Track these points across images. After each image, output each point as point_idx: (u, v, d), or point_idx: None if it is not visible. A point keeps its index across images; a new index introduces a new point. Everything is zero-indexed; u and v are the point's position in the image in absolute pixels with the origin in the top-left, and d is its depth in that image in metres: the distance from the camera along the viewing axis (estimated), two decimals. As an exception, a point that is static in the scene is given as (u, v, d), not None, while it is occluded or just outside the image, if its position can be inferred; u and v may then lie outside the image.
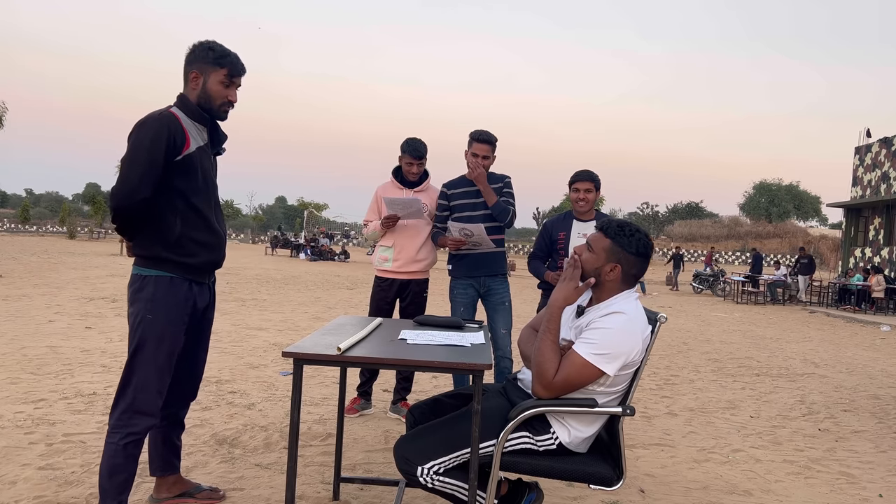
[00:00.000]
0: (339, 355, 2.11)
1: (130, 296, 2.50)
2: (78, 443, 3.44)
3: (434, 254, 4.39)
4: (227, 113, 2.63)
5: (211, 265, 2.63)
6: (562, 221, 4.06)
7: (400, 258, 4.26)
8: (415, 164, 4.23)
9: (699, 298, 19.71)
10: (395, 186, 4.34)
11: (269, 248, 34.35)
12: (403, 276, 4.28)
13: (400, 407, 4.34)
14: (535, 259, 4.13)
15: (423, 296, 4.34)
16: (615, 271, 2.25)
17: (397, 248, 4.27)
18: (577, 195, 3.94)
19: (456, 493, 2.19)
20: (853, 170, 25.79)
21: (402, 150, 4.25)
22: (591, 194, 3.92)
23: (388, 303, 4.32)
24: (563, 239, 3.98)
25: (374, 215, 4.38)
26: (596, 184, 3.95)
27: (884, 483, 3.65)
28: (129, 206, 2.38)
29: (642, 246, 2.26)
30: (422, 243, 4.27)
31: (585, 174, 3.94)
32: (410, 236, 4.26)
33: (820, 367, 7.70)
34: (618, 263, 2.25)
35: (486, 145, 4.04)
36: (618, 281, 2.27)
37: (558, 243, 3.99)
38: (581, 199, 3.92)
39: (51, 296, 9.91)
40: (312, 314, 9.81)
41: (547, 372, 2.16)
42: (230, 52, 2.58)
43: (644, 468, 3.65)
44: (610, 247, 2.26)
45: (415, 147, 4.22)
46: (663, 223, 61.07)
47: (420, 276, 4.32)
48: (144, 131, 2.40)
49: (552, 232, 4.06)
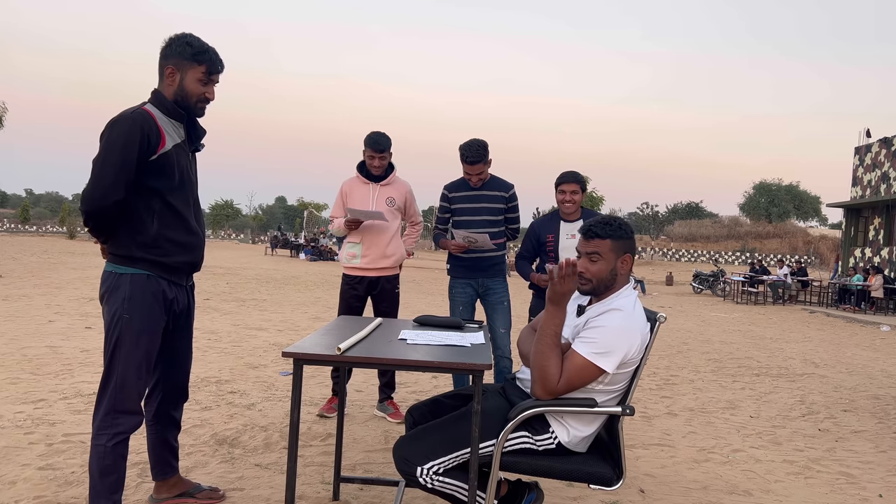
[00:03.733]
0: (339, 355, 2.11)
1: (104, 294, 2.41)
2: (78, 443, 3.44)
3: (403, 249, 4.31)
4: (203, 110, 2.55)
5: (188, 266, 2.56)
6: (549, 222, 4.06)
7: (369, 254, 4.17)
8: (376, 157, 4.11)
9: (699, 298, 19.71)
10: (360, 181, 4.24)
11: (269, 248, 34.34)
12: (373, 274, 4.19)
13: (386, 405, 4.32)
14: (522, 259, 4.15)
15: (394, 292, 4.27)
16: (627, 262, 2.33)
17: (366, 245, 4.17)
18: (563, 196, 3.94)
19: (456, 493, 2.19)
20: (853, 170, 25.79)
21: (365, 143, 4.14)
22: (577, 195, 3.94)
23: (358, 300, 4.22)
24: (553, 241, 3.98)
25: (339, 211, 4.29)
26: (581, 185, 3.96)
27: (884, 483, 3.65)
28: (101, 210, 2.30)
29: (629, 227, 2.40)
30: (390, 238, 4.20)
31: (570, 176, 3.94)
32: (379, 232, 4.17)
33: (820, 367, 7.70)
34: (626, 253, 2.33)
35: (477, 165, 4.02)
36: (629, 271, 2.35)
37: (547, 245, 4.00)
38: (567, 200, 3.93)
39: (51, 296, 9.91)
40: (312, 314, 9.82)
41: (548, 375, 2.16)
42: (208, 47, 2.48)
43: (644, 468, 3.65)
44: (613, 245, 2.31)
45: (375, 140, 4.10)
46: (663, 223, 61.06)
47: (390, 272, 4.24)
48: (117, 131, 2.31)
49: (540, 233, 4.05)
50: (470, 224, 4.10)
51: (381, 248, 4.17)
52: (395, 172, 4.27)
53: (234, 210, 67.42)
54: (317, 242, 31.90)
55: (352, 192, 4.24)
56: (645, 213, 64.27)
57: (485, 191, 4.14)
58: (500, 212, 4.16)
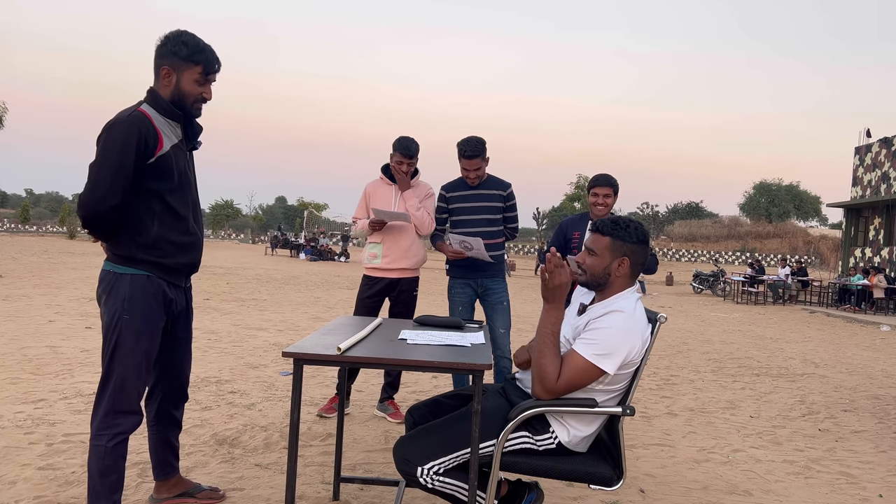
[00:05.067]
0: (339, 355, 2.10)
1: (102, 293, 2.39)
2: (78, 443, 3.43)
3: (424, 251, 4.32)
4: (200, 110, 2.52)
5: (187, 267, 2.55)
6: (578, 221, 4.11)
7: (389, 255, 4.17)
8: (405, 163, 4.11)
9: (699, 298, 19.71)
10: (384, 183, 4.26)
11: (269, 248, 34.33)
12: (393, 275, 4.19)
13: (387, 405, 4.32)
14: None
15: (413, 294, 4.26)
16: (624, 265, 2.28)
17: (387, 245, 4.18)
18: (595, 199, 3.93)
19: (456, 493, 2.19)
20: (853, 170, 25.79)
21: (394, 147, 4.14)
22: (609, 199, 3.93)
23: (375, 302, 4.22)
24: (578, 238, 4.02)
25: (362, 213, 4.31)
26: (615, 188, 3.96)
27: (884, 483, 3.65)
28: (98, 215, 2.28)
29: (641, 234, 2.31)
30: (413, 240, 4.20)
31: (604, 179, 3.93)
32: (400, 233, 4.17)
33: (820, 367, 7.70)
34: (625, 257, 2.28)
35: (475, 160, 4.02)
36: (627, 275, 2.29)
37: (572, 241, 4.03)
38: (600, 203, 3.91)
39: (51, 296, 9.91)
40: (312, 314, 9.82)
41: (546, 374, 2.16)
42: (205, 45, 2.43)
43: (644, 468, 3.65)
44: (611, 244, 2.28)
45: (405, 146, 4.11)
46: (663, 223, 61.04)
47: (410, 273, 4.23)
48: (114, 134, 2.27)
49: (567, 231, 4.10)
50: (469, 224, 4.10)
51: (403, 249, 4.17)
52: (418, 176, 4.27)
53: (234, 210, 67.41)
54: (317, 242, 31.90)
55: (375, 194, 4.25)
56: (645, 213, 64.21)
57: (483, 190, 4.14)
58: (498, 210, 4.16)
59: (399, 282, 4.21)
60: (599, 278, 2.30)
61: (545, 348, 2.18)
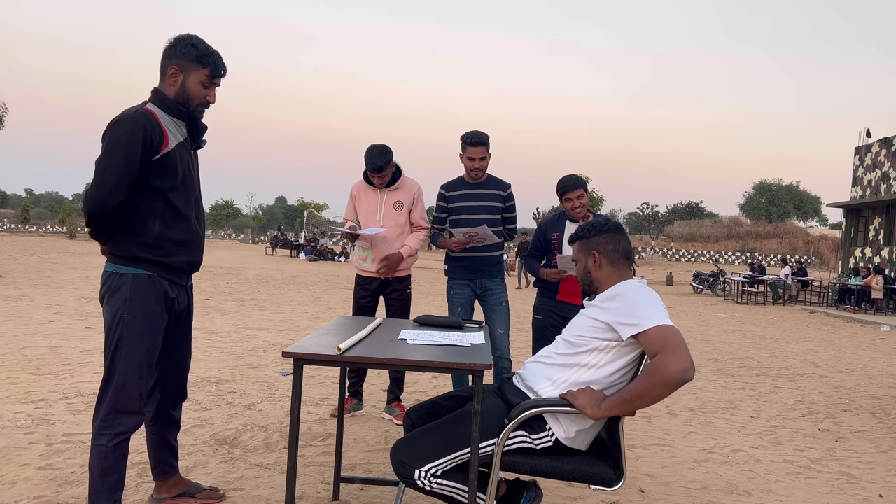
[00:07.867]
0: (339, 355, 2.10)
1: (105, 294, 2.40)
2: (78, 443, 3.44)
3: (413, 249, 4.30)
4: (202, 113, 2.54)
5: (189, 266, 2.56)
6: (556, 222, 4.07)
7: (378, 258, 4.18)
8: (376, 177, 4.08)
9: (699, 298, 19.72)
10: (367, 187, 4.23)
11: (269, 248, 34.32)
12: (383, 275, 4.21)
13: (393, 407, 4.32)
14: (531, 258, 4.15)
15: (406, 293, 4.28)
16: (598, 259, 2.36)
17: (375, 250, 4.19)
18: (571, 204, 3.88)
19: (455, 494, 2.18)
20: (853, 170, 25.80)
21: (365, 161, 4.07)
22: (583, 199, 3.92)
23: (370, 302, 4.26)
24: (557, 238, 3.99)
25: (351, 214, 4.32)
26: (584, 187, 3.93)
27: (884, 483, 3.65)
28: (104, 211, 2.29)
29: (600, 225, 2.40)
30: (401, 242, 4.19)
31: (572, 183, 3.85)
32: (386, 238, 4.18)
33: (820, 367, 7.70)
34: (593, 251, 2.37)
35: (480, 148, 4.02)
36: (607, 265, 2.35)
37: (552, 243, 4.01)
38: (577, 206, 3.89)
39: (51, 296, 9.91)
40: (312, 314, 9.82)
41: (661, 376, 1.99)
42: (213, 50, 2.46)
43: (644, 468, 3.65)
44: (579, 246, 2.43)
45: (372, 161, 4.00)
46: (663, 223, 61.02)
47: (401, 273, 4.24)
48: (119, 131, 2.29)
49: (546, 232, 4.07)
50: (469, 223, 4.09)
51: (392, 251, 4.17)
52: (402, 176, 4.24)
53: (234, 210, 67.46)
54: (317, 242, 31.89)
55: (360, 197, 4.25)
56: (645, 213, 64.23)
57: (482, 189, 4.14)
58: (498, 210, 4.16)
59: (390, 281, 4.24)
60: (585, 280, 2.41)
61: (628, 395, 2.09)
